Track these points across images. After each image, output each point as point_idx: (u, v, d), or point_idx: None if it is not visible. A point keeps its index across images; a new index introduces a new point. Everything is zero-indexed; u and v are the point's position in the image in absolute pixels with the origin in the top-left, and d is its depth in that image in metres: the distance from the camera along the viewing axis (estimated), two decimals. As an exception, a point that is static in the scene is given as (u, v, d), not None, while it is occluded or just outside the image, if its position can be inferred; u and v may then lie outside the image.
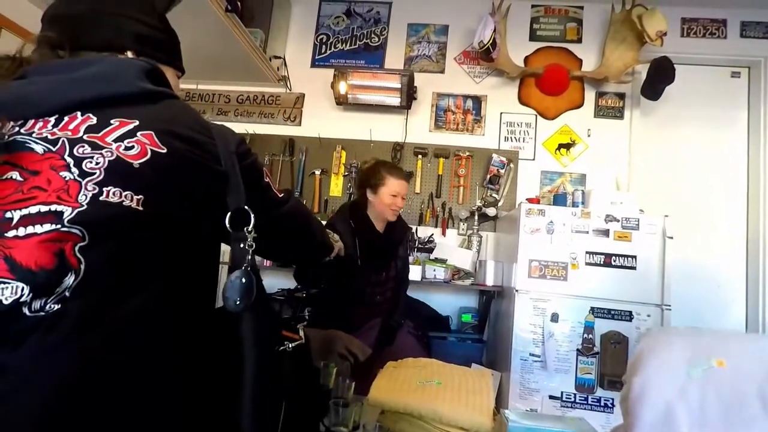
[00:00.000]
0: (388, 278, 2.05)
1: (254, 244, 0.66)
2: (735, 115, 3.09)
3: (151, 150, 0.56)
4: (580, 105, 3.14)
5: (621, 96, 3.12)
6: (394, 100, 3.09)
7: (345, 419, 1.07)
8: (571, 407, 2.20)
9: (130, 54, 0.71)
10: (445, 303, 3.01)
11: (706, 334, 0.80)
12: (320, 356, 1.24)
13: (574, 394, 2.21)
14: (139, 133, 0.57)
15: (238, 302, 0.62)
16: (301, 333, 0.81)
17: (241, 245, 0.66)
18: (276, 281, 3.09)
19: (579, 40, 3.19)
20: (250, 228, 0.66)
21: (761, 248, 2.86)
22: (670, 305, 2.20)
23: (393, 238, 2.06)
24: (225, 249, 0.69)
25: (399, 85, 3.01)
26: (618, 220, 2.29)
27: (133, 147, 0.55)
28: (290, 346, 0.69)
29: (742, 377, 0.70)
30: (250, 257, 0.66)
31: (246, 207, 0.65)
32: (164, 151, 0.57)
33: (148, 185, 0.55)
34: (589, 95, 3.14)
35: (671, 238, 2.24)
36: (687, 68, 3.04)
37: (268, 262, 2.89)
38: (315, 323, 1.98)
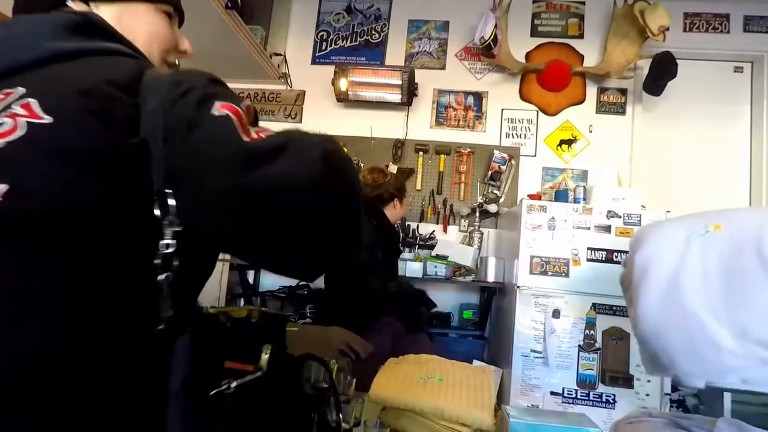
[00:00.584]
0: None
1: (177, 251, 0.46)
2: (738, 111, 3.07)
3: (28, 123, 0.44)
4: (581, 101, 3.12)
5: (623, 92, 3.11)
6: (395, 96, 3.08)
7: (346, 416, 1.07)
8: (573, 403, 2.21)
9: (73, 4, 0.59)
10: (447, 300, 3.02)
11: (701, 212, 0.81)
12: (319, 352, 1.23)
13: (576, 390, 2.21)
14: (15, 105, 0.45)
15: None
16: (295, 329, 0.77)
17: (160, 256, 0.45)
18: (277, 279, 3.09)
19: (581, 36, 3.17)
20: (169, 218, 0.45)
21: (764, 244, 2.85)
22: (671, 301, 2.19)
23: (392, 247, 2.20)
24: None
25: (400, 82, 3.00)
26: (620, 216, 2.28)
27: (2, 124, 0.44)
28: (232, 386, 0.49)
29: (737, 236, 0.70)
30: (169, 278, 0.46)
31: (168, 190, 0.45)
32: (47, 121, 0.44)
33: (14, 171, 0.42)
34: (591, 91, 3.13)
35: (673, 234, 2.23)
36: (689, 63, 3.03)
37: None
38: (319, 321, 2.00)
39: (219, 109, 0.47)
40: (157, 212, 0.45)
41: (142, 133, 0.46)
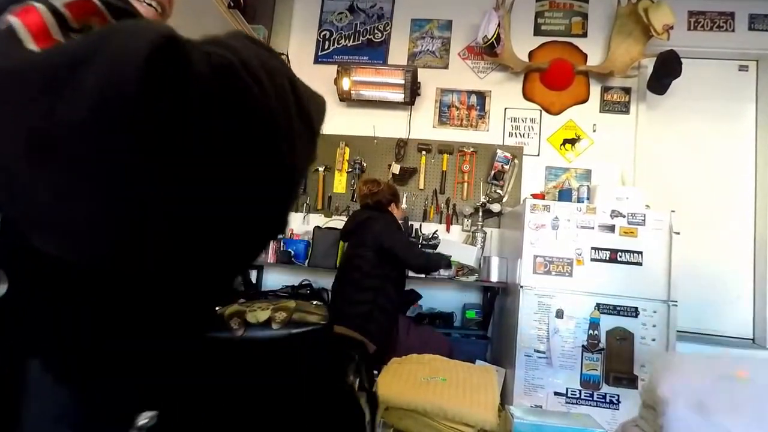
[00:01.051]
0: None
1: None
2: (743, 109, 3.05)
3: None
4: (585, 100, 3.11)
5: (627, 90, 3.09)
6: (398, 96, 3.07)
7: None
8: (576, 404, 2.20)
9: None
10: (450, 299, 3.01)
11: (718, 357, 0.86)
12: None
13: (579, 391, 2.20)
14: None
15: None
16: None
17: None
18: (280, 278, 3.09)
19: (584, 35, 3.16)
20: None
21: (769, 244, 2.83)
22: (676, 301, 2.18)
23: None
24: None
25: (402, 81, 3.00)
26: (624, 216, 2.27)
27: None
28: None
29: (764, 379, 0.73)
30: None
31: None
32: None
33: None
34: (595, 90, 3.11)
35: (678, 233, 2.22)
36: (694, 62, 3.01)
37: (272, 256, 2.90)
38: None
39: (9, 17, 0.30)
40: None
41: None
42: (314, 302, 0.57)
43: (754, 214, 2.96)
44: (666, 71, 2.78)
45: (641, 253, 2.23)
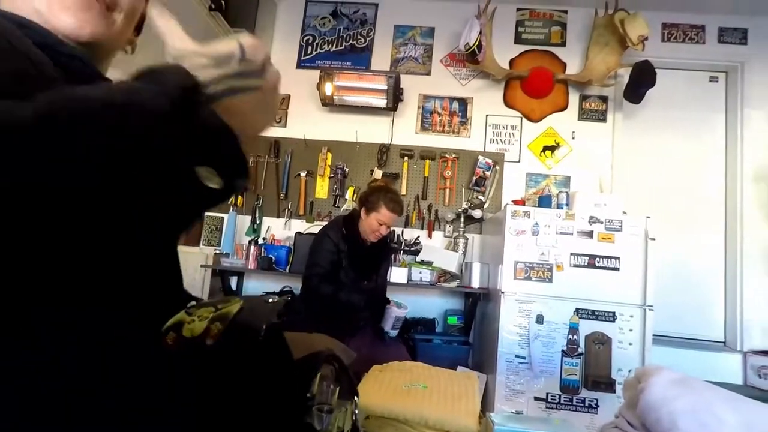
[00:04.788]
0: (368, 288, 2.24)
1: None
2: (713, 118, 3.16)
3: None
4: (564, 108, 3.17)
5: (604, 99, 3.17)
6: (381, 101, 3.08)
7: (329, 426, 1.04)
8: (556, 408, 2.21)
9: None
10: (431, 305, 3.01)
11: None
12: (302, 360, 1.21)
13: (559, 395, 2.22)
14: None
15: None
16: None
17: None
18: (261, 284, 3.05)
19: (563, 44, 3.22)
20: None
21: (738, 249, 2.92)
22: (652, 306, 2.23)
23: (376, 253, 2.29)
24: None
25: (385, 87, 3.00)
26: (601, 222, 2.31)
27: None
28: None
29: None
30: None
31: None
32: None
33: None
34: (573, 98, 3.18)
35: (653, 239, 2.27)
36: (668, 72, 3.11)
37: (253, 263, 2.85)
38: (296, 328, 1.99)
39: None
40: None
41: None
42: (270, 299, 0.53)
43: (724, 220, 3.06)
44: (641, 81, 2.86)
45: (618, 258, 2.28)
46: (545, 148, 3.14)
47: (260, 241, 3.01)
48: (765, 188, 2.91)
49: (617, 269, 2.27)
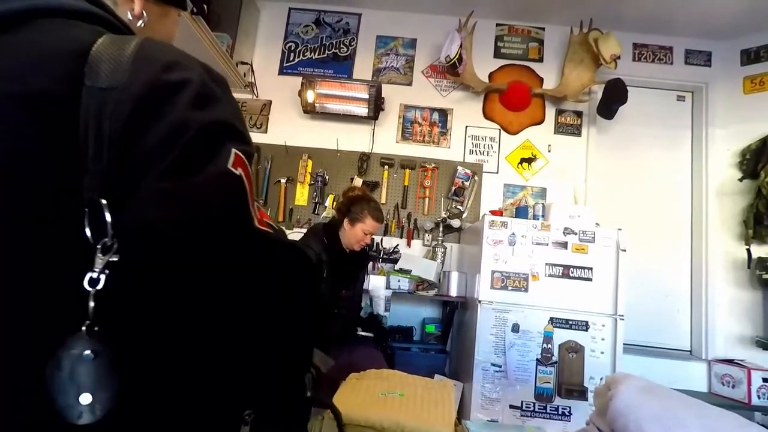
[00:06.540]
0: (346, 297, 2.26)
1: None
2: (680, 136, 3.30)
3: None
4: (541, 121, 3.26)
5: (579, 114, 3.27)
6: (362, 110, 3.10)
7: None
8: (531, 416, 2.24)
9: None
10: (409, 313, 3.02)
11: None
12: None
13: (534, 404, 2.25)
14: None
15: (81, 413, 0.35)
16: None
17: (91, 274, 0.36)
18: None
19: (540, 59, 3.32)
20: (107, 240, 0.36)
21: (703, 260, 3.05)
22: (623, 315, 2.29)
23: (357, 261, 2.32)
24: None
25: (367, 96, 3.03)
26: (575, 233, 2.37)
27: None
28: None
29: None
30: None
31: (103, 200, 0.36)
32: None
33: None
34: (550, 112, 3.27)
35: (624, 250, 2.34)
36: (638, 90, 3.24)
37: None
38: None
39: (234, 162, 0.40)
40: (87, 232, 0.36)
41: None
42: None
43: (690, 233, 3.18)
44: (613, 97, 2.97)
45: (591, 269, 2.34)
46: (522, 160, 3.22)
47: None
48: (727, 203, 3.05)
49: (590, 279, 2.33)
